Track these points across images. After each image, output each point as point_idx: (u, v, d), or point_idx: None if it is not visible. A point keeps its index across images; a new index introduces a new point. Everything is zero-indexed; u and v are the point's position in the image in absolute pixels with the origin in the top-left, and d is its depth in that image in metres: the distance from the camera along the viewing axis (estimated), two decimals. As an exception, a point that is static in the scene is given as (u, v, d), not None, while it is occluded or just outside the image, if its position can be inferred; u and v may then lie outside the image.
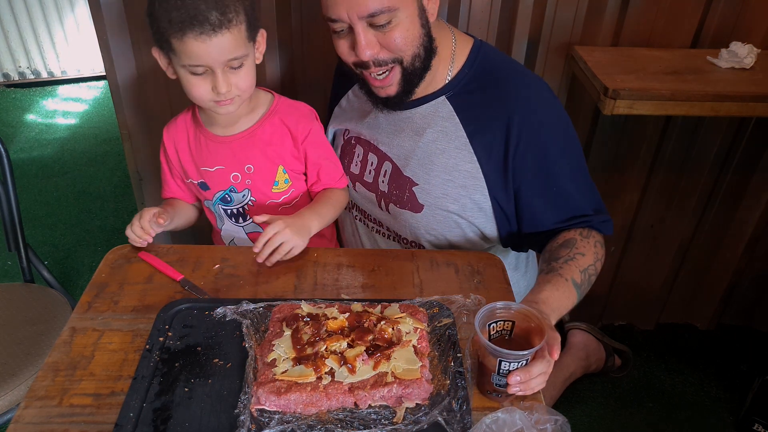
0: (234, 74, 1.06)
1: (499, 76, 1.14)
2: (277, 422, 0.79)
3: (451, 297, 1.01)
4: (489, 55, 1.17)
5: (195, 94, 1.08)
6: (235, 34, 1.02)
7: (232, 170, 1.21)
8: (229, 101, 1.09)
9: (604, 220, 1.17)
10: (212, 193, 1.23)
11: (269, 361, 0.86)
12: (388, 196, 1.25)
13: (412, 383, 0.83)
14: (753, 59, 1.45)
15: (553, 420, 0.78)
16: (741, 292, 2.05)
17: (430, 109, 1.17)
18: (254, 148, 1.20)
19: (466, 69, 1.15)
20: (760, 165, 1.76)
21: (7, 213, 1.49)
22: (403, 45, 1.05)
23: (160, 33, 1.03)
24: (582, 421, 1.83)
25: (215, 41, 1.00)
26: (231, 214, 1.26)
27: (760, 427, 1.77)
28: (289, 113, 1.21)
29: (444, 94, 1.16)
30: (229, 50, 1.03)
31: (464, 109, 1.14)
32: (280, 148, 1.20)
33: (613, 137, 1.71)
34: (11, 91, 3.79)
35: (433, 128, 1.16)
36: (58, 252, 2.49)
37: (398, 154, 1.21)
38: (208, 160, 1.20)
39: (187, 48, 1.01)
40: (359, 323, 0.91)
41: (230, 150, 1.19)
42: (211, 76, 1.05)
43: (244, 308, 0.96)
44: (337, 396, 0.81)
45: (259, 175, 1.21)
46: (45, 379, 0.87)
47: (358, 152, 1.28)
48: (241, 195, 1.23)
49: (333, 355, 0.86)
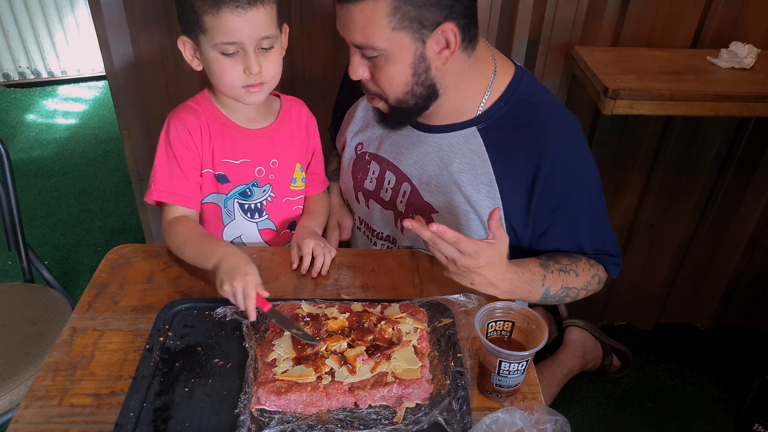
0: (265, 57, 1.06)
1: (534, 115, 1.10)
2: (277, 422, 0.79)
3: (451, 297, 1.01)
4: (527, 90, 1.11)
5: (226, 78, 1.06)
6: (269, 10, 1.03)
7: (258, 164, 1.18)
8: (258, 87, 1.08)
9: (615, 263, 1.18)
10: (231, 186, 1.18)
11: (269, 361, 0.86)
12: (405, 216, 1.22)
13: (412, 383, 0.83)
14: (753, 59, 1.45)
15: (553, 420, 0.78)
16: (741, 292, 2.05)
17: (460, 138, 1.13)
18: (280, 142, 1.20)
19: (501, 102, 1.10)
20: (760, 165, 1.76)
21: (7, 213, 1.49)
22: (386, 86, 1.05)
23: (191, 14, 1.03)
24: (582, 421, 1.83)
25: (250, 15, 1.00)
26: (247, 209, 1.22)
27: (760, 427, 1.77)
28: (297, 109, 1.23)
29: (476, 125, 1.11)
30: (262, 26, 1.02)
31: (495, 145, 1.11)
32: (299, 144, 1.23)
33: (613, 137, 1.71)
34: (11, 91, 3.79)
35: (460, 159, 1.13)
36: (58, 252, 2.49)
37: (420, 178, 1.18)
38: (233, 152, 1.16)
39: (222, 23, 1.00)
40: (359, 323, 0.91)
41: (259, 143, 1.18)
42: (243, 57, 1.04)
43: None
44: (337, 396, 0.81)
45: (282, 171, 1.21)
46: (45, 379, 0.87)
47: (374, 168, 1.25)
48: (262, 190, 1.21)
49: (333, 355, 0.86)
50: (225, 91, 1.10)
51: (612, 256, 1.17)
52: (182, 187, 1.13)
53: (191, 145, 1.13)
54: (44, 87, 3.87)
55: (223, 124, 1.16)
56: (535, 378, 0.90)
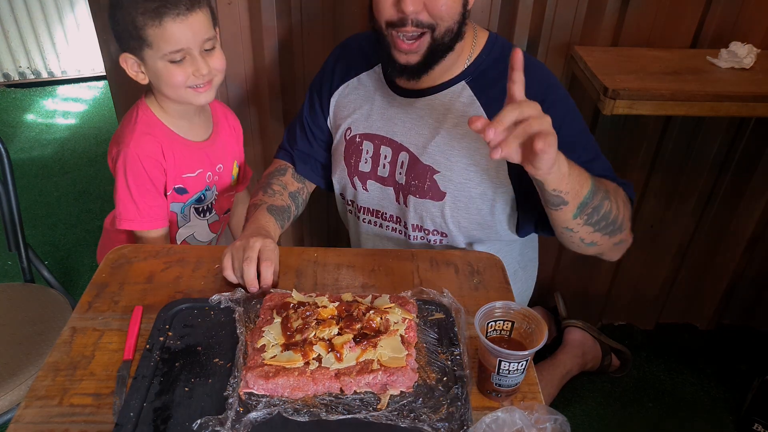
0: (209, 56, 1.15)
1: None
2: (265, 405, 0.81)
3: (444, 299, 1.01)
4: (504, 44, 1.19)
5: (175, 82, 1.14)
6: (206, 13, 1.12)
7: (208, 171, 1.31)
8: (207, 86, 1.17)
9: (624, 183, 1.16)
10: (189, 196, 1.31)
11: (259, 347, 0.88)
12: (406, 187, 1.24)
13: (397, 371, 0.84)
14: (753, 59, 1.45)
15: (553, 419, 0.78)
16: (741, 292, 2.05)
17: (450, 95, 1.17)
18: (221, 148, 1.34)
19: (483, 56, 1.17)
20: (760, 165, 1.76)
21: (7, 213, 1.49)
22: (445, 12, 1.05)
23: (132, 29, 1.09)
24: (582, 420, 1.83)
25: (191, 20, 1.09)
26: (201, 210, 1.36)
27: (760, 427, 1.77)
28: (223, 112, 1.38)
29: (463, 79, 1.17)
30: (203, 29, 1.12)
31: (484, 92, 1.15)
32: (232, 144, 1.38)
33: (612, 137, 1.71)
34: (11, 91, 3.80)
35: (453, 114, 1.17)
36: (58, 252, 2.49)
37: (416, 143, 1.21)
38: (190, 166, 1.28)
39: (167, 33, 1.08)
40: (348, 312, 0.92)
41: (206, 153, 1.30)
42: (191, 61, 1.12)
43: (239, 296, 0.99)
44: (324, 381, 0.83)
45: (225, 172, 1.36)
46: (45, 378, 0.87)
47: (367, 148, 1.26)
48: (211, 192, 1.35)
49: (321, 342, 0.87)
50: (176, 96, 1.17)
51: (617, 179, 1.15)
52: (157, 213, 1.25)
53: (160, 174, 1.23)
54: (44, 87, 3.87)
55: (177, 142, 1.25)
56: (534, 378, 0.90)
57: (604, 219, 1.05)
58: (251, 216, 1.20)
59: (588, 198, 1.00)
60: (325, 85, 1.31)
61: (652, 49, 1.55)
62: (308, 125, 1.35)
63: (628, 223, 1.12)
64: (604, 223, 1.05)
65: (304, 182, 1.37)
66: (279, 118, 1.69)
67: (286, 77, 1.63)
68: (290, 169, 1.36)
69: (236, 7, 1.51)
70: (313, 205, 1.85)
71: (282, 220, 1.23)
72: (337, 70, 1.30)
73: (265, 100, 1.66)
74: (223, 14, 1.51)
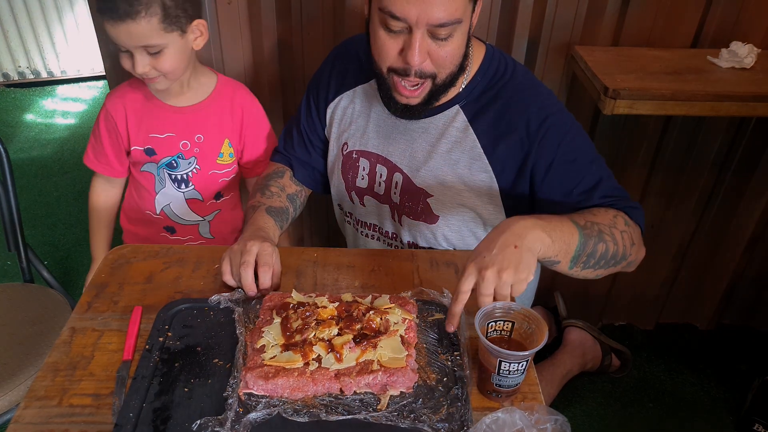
0: (153, 58, 1.18)
1: (510, 82, 1.13)
2: (264, 406, 0.81)
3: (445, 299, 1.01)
4: (500, 63, 1.15)
5: (124, 68, 1.21)
6: (144, 25, 1.13)
7: (182, 138, 1.33)
8: (153, 79, 1.22)
9: (632, 206, 1.09)
10: (159, 158, 1.35)
11: (258, 347, 0.87)
12: (401, 207, 1.24)
13: (397, 371, 0.84)
14: (753, 59, 1.45)
15: (553, 420, 0.78)
16: (741, 292, 2.05)
17: (444, 119, 1.16)
18: (206, 120, 1.34)
19: (478, 77, 1.14)
20: (760, 165, 1.76)
21: (7, 213, 1.49)
22: (449, 61, 1.03)
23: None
24: (582, 421, 1.83)
25: (123, 28, 1.13)
26: (175, 179, 1.37)
27: (760, 427, 1.77)
28: (231, 91, 1.37)
29: (458, 103, 1.15)
30: (141, 37, 1.15)
31: (478, 118, 1.13)
32: (228, 122, 1.36)
33: (613, 137, 1.71)
34: (11, 91, 3.79)
35: (447, 139, 1.15)
36: (58, 252, 2.49)
37: (410, 165, 1.20)
38: (159, 127, 1.32)
39: (108, 30, 1.16)
40: (348, 312, 0.92)
41: (182, 119, 1.33)
42: (133, 56, 1.18)
43: (238, 296, 0.99)
44: (323, 382, 0.83)
45: (207, 145, 1.35)
46: (45, 379, 0.87)
47: (363, 165, 1.26)
48: (187, 162, 1.36)
49: (321, 343, 0.87)
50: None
51: (625, 198, 1.11)
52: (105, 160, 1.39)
53: (121, 129, 1.33)
54: (44, 87, 3.86)
55: (150, 103, 1.32)
56: (535, 378, 0.90)
57: (602, 258, 1.02)
58: (250, 218, 1.20)
59: (579, 250, 0.98)
60: (321, 92, 1.30)
61: (653, 49, 1.55)
62: (306, 132, 1.34)
63: (636, 245, 1.09)
64: (603, 262, 1.03)
65: (301, 185, 1.37)
66: (279, 118, 1.69)
67: (286, 77, 1.63)
68: (288, 172, 1.35)
69: (236, 7, 1.51)
70: (313, 205, 1.85)
71: (281, 222, 1.23)
72: (333, 77, 1.28)
73: (264, 100, 1.66)
74: (223, 14, 1.51)
